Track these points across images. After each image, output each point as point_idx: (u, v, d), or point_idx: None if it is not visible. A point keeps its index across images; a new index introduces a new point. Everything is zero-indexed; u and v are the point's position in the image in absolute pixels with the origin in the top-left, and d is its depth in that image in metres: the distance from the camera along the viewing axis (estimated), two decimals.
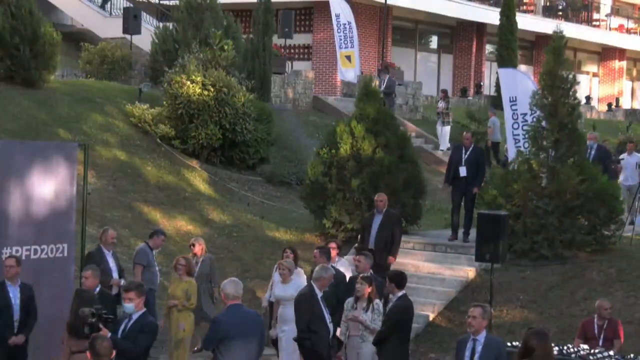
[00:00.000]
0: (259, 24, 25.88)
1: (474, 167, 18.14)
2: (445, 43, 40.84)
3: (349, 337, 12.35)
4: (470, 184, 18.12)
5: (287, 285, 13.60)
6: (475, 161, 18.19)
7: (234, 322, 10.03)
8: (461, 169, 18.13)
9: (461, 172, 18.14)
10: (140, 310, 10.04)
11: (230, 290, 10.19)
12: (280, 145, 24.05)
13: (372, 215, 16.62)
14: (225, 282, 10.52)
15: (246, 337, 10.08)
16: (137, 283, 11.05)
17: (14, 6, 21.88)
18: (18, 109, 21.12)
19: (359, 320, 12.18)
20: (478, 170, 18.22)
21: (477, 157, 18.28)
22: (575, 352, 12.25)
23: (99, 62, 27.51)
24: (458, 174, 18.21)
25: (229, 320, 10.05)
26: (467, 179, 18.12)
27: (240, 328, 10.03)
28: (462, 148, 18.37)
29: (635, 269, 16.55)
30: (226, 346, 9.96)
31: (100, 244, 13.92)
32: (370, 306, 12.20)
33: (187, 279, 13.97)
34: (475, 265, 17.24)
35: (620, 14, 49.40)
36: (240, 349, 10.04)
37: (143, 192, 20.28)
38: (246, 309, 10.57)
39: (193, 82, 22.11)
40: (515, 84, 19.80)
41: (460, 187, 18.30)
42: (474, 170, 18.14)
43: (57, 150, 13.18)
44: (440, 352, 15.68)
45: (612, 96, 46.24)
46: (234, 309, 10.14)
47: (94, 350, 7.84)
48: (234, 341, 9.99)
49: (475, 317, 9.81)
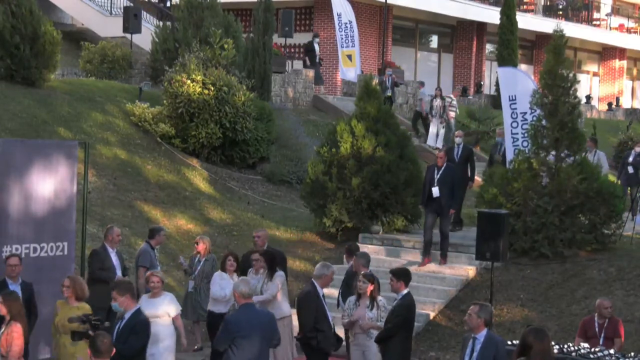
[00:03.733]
0: (260, 23, 25.87)
1: (448, 187, 17.23)
2: (445, 42, 40.85)
3: (355, 335, 12.32)
4: (445, 205, 17.29)
5: (157, 300, 12.03)
6: (449, 181, 17.27)
7: (246, 321, 10.14)
8: (434, 189, 17.21)
9: (434, 192, 17.23)
10: (130, 309, 9.99)
11: (244, 289, 10.30)
12: (280, 144, 24.06)
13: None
14: (238, 281, 10.71)
15: (258, 336, 10.19)
16: (118, 282, 10.78)
17: (14, 5, 21.87)
18: (18, 107, 21.12)
19: (371, 326, 12.03)
20: (453, 190, 17.36)
21: (450, 176, 17.32)
22: (576, 351, 12.23)
23: (99, 61, 27.52)
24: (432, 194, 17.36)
25: (241, 319, 10.16)
26: (441, 200, 17.25)
27: (252, 327, 10.13)
28: (435, 168, 17.46)
29: (635, 268, 16.56)
30: (238, 345, 10.04)
31: (105, 242, 13.87)
32: (374, 304, 12.15)
33: (77, 304, 11.19)
34: (476, 264, 17.25)
35: (620, 14, 49.42)
36: (252, 348, 10.13)
37: (143, 191, 20.28)
38: (258, 309, 10.73)
39: (193, 81, 22.11)
40: (515, 83, 19.79)
41: (434, 208, 17.42)
42: (448, 190, 17.24)
43: (58, 149, 13.18)
44: (441, 351, 15.69)
45: (613, 95, 46.25)
46: (246, 309, 10.26)
47: (95, 348, 7.87)
48: (246, 340, 10.09)
49: (470, 315, 9.85)
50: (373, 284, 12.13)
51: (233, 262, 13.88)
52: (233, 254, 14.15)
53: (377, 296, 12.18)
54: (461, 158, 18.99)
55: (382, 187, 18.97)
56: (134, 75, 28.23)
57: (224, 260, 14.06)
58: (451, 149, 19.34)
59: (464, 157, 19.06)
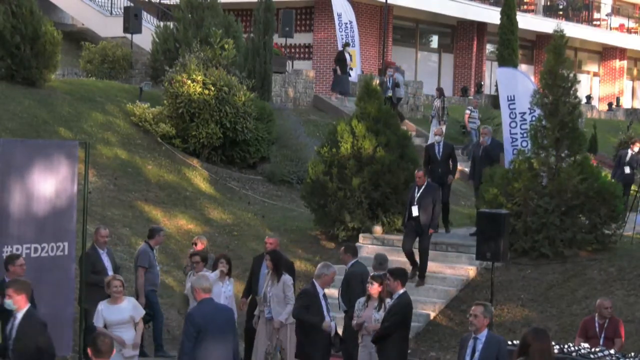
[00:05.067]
0: (260, 23, 25.87)
1: (428, 207, 16.70)
2: (445, 42, 40.84)
3: (362, 336, 12.29)
4: (425, 224, 16.70)
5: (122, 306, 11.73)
6: (429, 200, 16.74)
7: (207, 315, 10.01)
8: (413, 208, 16.71)
9: (413, 211, 16.71)
10: (22, 308, 9.72)
11: (205, 284, 10.20)
12: (280, 144, 24.05)
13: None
14: (197, 277, 10.62)
15: (220, 331, 10.10)
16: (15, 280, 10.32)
17: (14, 5, 21.87)
18: (19, 107, 21.12)
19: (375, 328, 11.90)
20: (433, 209, 16.80)
21: (430, 195, 16.79)
22: (576, 351, 12.24)
23: (99, 61, 27.53)
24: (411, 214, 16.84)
25: (205, 313, 10.04)
26: (420, 220, 16.70)
27: (214, 322, 10.03)
28: (416, 187, 16.95)
29: (635, 268, 16.55)
30: (201, 340, 9.92)
31: (94, 244, 13.87)
32: (382, 305, 12.08)
33: None
34: (476, 264, 17.25)
35: (620, 14, 49.41)
36: (215, 342, 10.02)
37: (144, 191, 20.28)
38: (217, 303, 10.68)
39: (194, 81, 22.11)
40: (514, 84, 19.80)
41: (414, 227, 16.83)
42: (428, 209, 16.72)
43: (58, 149, 13.17)
44: (441, 351, 15.68)
45: (613, 95, 46.25)
46: (207, 303, 10.15)
47: (95, 347, 7.80)
48: (209, 335, 9.97)
49: (477, 316, 9.83)
50: (381, 285, 12.04)
51: (225, 264, 13.53)
52: (226, 257, 13.88)
53: (385, 297, 12.06)
54: (443, 155, 19.03)
55: (383, 187, 18.98)
56: (134, 75, 28.24)
57: (215, 262, 13.80)
58: (432, 147, 19.32)
59: (446, 154, 19.10)
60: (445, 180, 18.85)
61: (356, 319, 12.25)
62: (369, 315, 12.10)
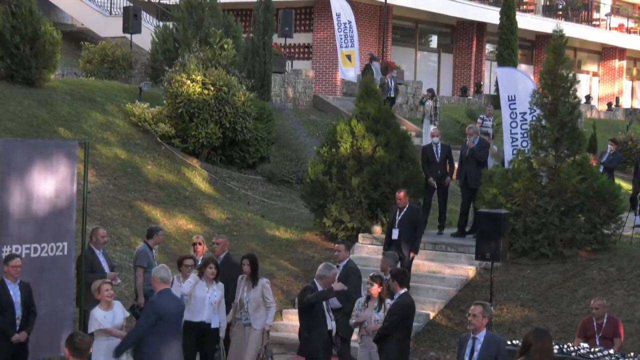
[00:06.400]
0: (259, 23, 25.86)
1: (410, 230, 16.17)
2: (445, 42, 40.86)
3: (361, 337, 12.28)
4: (405, 248, 16.09)
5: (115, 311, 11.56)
6: (411, 223, 16.21)
7: (166, 305, 10.80)
8: (394, 231, 16.15)
9: (393, 234, 16.14)
10: None
11: (164, 275, 10.94)
12: (280, 144, 24.06)
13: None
14: (158, 268, 11.28)
15: (174, 322, 10.94)
16: None
17: (14, 5, 21.86)
18: (18, 107, 21.12)
19: (375, 329, 11.88)
20: (415, 232, 16.25)
21: (412, 218, 16.25)
22: (576, 351, 12.25)
23: (99, 61, 27.53)
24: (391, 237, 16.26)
25: (165, 301, 10.84)
26: (401, 244, 16.08)
27: (171, 312, 10.83)
28: (397, 209, 16.37)
29: (635, 268, 16.56)
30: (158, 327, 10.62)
31: (90, 244, 13.75)
32: (382, 306, 12.07)
33: None
34: (476, 264, 17.25)
35: (620, 14, 49.45)
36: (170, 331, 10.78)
37: (143, 191, 20.28)
38: (174, 295, 11.45)
39: (193, 81, 22.11)
40: (514, 83, 19.79)
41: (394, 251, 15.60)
42: (410, 233, 16.16)
43: (58, 149, 13.16)
44: (441, 351, 15.69)
45: (612, 95, 46.29)
46: (167, 294, 10.98)
47: (74, 347, 7.56)
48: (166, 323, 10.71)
49: (476, 316, 9.83)
50: (380, 285, 12.04)
51: (214, 269, 12.92)
52: (214, 261, 13.28)
53: (386, 298, 12.05)
54: (441, 156, 19.01)
55: (382, 187, 18.98)
56: (134, 75, 28.24)
57: (203, 265, 13.04)
58: (430, 148, 19.28)
59: (444, 155, 19.08)
60: (443, 182, 18.85)
61: (355, 318, 12.27)
62: (368, 315, 12.11)
